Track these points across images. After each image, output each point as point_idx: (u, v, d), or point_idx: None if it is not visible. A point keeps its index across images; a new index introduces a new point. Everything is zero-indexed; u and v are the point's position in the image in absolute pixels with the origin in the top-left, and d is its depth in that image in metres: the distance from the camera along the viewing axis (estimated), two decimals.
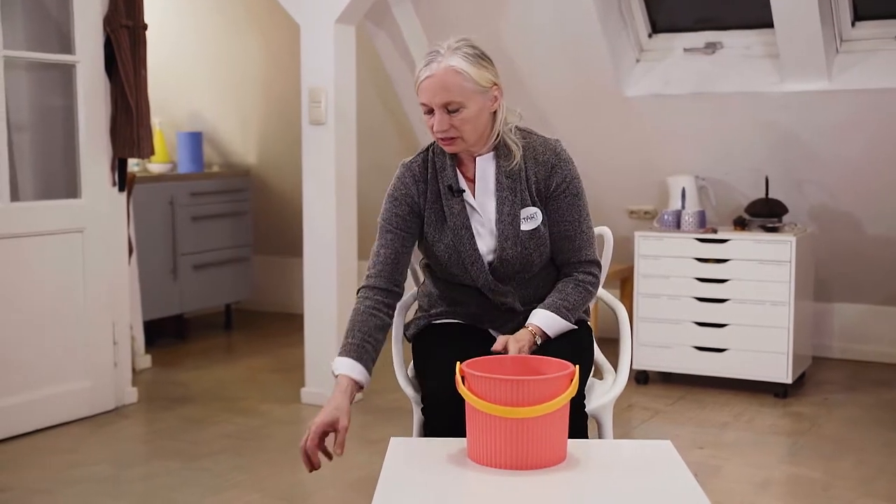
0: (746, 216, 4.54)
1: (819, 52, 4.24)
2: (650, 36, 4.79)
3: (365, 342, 2.21)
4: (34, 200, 3.97)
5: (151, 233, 5.18)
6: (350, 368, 2.17)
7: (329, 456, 2.11)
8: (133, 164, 5.37)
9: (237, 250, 5.78)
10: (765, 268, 4.29)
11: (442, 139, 2.24)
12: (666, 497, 1.74)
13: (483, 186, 2.31)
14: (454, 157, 2.32)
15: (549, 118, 4.93)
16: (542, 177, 2.30)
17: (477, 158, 2.31)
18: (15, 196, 3.83)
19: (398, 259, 2.31)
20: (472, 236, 2.30)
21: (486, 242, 2.31)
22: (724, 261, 4.37)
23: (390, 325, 2.30)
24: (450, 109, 2.19)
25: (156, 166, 5.56)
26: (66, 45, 3.96)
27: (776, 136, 4.59)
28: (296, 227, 5.41)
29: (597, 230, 2.65)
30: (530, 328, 2.26)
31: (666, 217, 4.54)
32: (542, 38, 4.69)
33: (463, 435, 1.99)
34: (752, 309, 4.33)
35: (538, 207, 2.30)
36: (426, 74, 2.19)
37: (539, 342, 2.25)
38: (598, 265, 2.38)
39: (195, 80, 5.96)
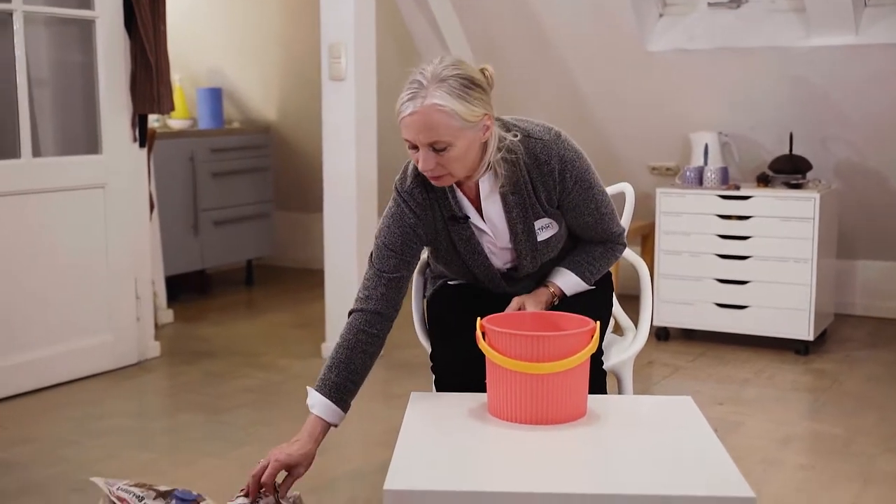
0: (770, 172, 4.49)
1: (846, 6, 4.16)
2: None
3: (348, 381, 2.11)
4: (56, 156, 3.98)
5: (172, 189, 5.19)
6: (325, 411, 2.09)
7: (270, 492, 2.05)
8: (153, 120, 5.37)
9: (258, 206, 5.79)
10: (788, 224, 4.26)
11: (429, 176, 2.07)
12: (686, 452, 1.74)
13: (490, 208, 2.17)
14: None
15: (572, 74, 4.88)
16: (551, 186, 2.15)
17: (479, 181, 2.14)
18: (37, 152, 3.84)
19: (400, 283, 2.16)
20: (486, 257, 2.21)
21: (499, 258, 2.23)
22: (747, 217, 4.34)
23: (381, 347, 2.17)
24: (436, 148, 2.00)
25: (176, 122, 5.56)
26: (86, 1, 3.94)
27: (801, 91, 4.53)
28: (316, 183, 5.40)
29: (618, 186, 2.63)
30: (551, 288, 2.24)
31: (688, 173, 4.51)
32: None
33: (473, 391, 2.00)
34: (775, 266, 4.30)
35: (551, 217, 2.20)
36: (409, 111, 1.98)
37: (556, 303, 2.23)
38: (623, 236, 2.34)
39: (215, 35, 5.93)
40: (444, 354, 2.20)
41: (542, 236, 2.19)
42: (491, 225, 2.18)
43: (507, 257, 2.23)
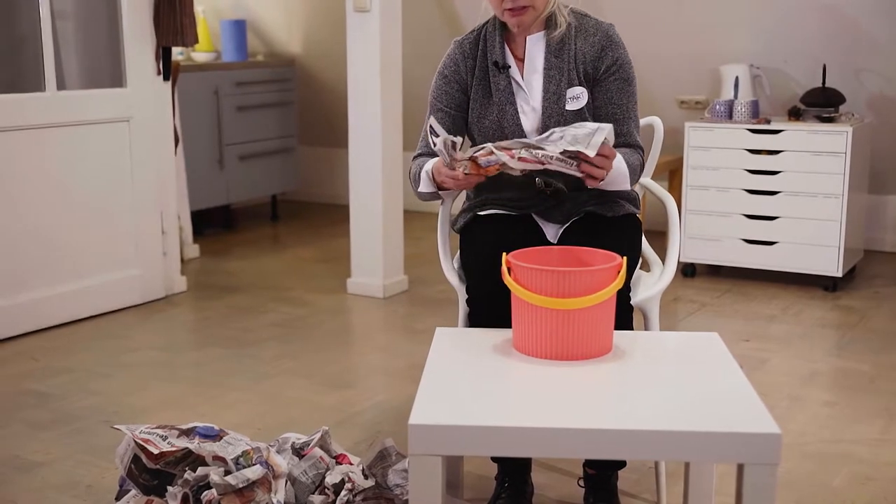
0: (801, 106, 4.41)
1: None
2: None
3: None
4: (80, 90, 3.97)
5: (197, 123, 5.18)
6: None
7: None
8: (177, 53, 5.34)
9: (282, 141, 5.78)
10: (819, 159, 4.19)
11: (512, 9, 2.21)
12: (712, 388, 1.74)
13: (531, 64, 2.30)
14: (504, 34, 2.32)
15: (598, 4, 4.79)
16: (591, 57, 2.27)
17: (528, 37, 2.30)
18: (61, 85, 3.83)
19: (454, 132, 2.33)
20: (517, 112, 2.29)
21: (530, 120, 2.30)
22: (777, 152, 4.28)
23: None
24: None
25: (200, 55, 5.52)
26: None
27: (835, 22, 4.42)
28: (341, 117, 5.38)
29: (646, 120, 2.59)
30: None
31: (717, 107, 4.44)
32: None
33: (507, 326, 1.99)
34: (805, 201, 4.25)
35: (585, 87, 2.28)
36: None
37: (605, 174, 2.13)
38: (644, 151, 2.34)
39: None
40: (481, 287, 2.20)
41: (570, 105, 2.27)
42: (528, 84, 2.30)
43: (536, 122, 2.29)
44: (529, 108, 2.30)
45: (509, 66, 2.30)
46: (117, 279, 4.01)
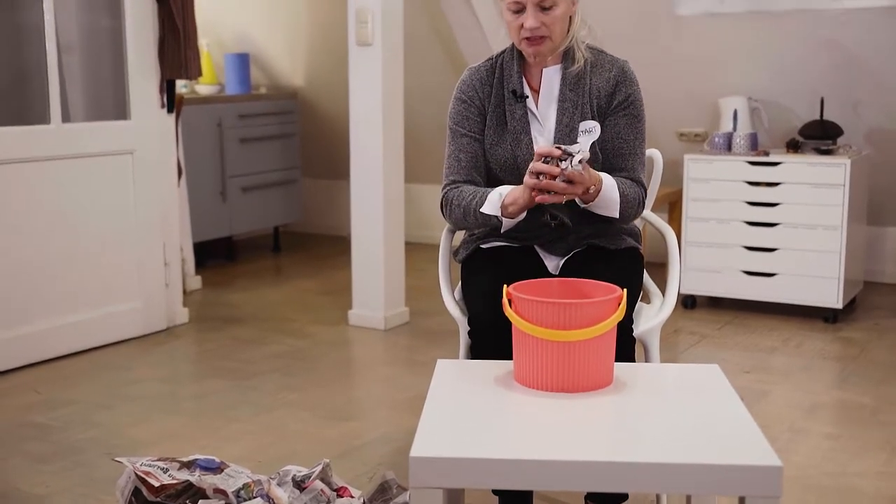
0: (800, 138, 4.44)
1: None
2: None
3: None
4: (84, 122, 4.00)
5: (200, 155, 5.21)
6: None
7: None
8: (181, 86, 5.38)
9: (285, 172, 5.81)
10: (818, 191, 4.22)
11: (529, 39, 2.25)
12: (713, 420, 1.74)
13: (546, 96, 2.34)
14: (521, 64, 2.35)
15: (599, 37, 4.83)
16: (606, 92, 2.31)
17: (544, 69, 2.33)
18: (66, 117, 3.87)
19: (479, 162, 2.36)
20: (531, 142, 2.31)
21: None
22: (776, 184, 4.30)
23: None
24: (543, 7, 2.22)
25: (204, 88, 5.57)
26: None
27: (833, 55, 4.46)
28: (343, 149, 5.42)
29: (646, 153, 2.61)
30: (595, 176, 2.19)
31: (717, 139, 4.47)
32: None
33: (509, 358, 2.00)
34: (804, 233, 4.27)
35: (597, 121, 2.31)
36: None
37: (589, 191, 2.17)
38: (646, 189, 2.36)
39: (242, 0, 5.92)
40: (483, 318, 2.21)
41: (582, 138, 2.29)
42: (542, 114, 2.33)
43: None
44: (543, 139, 2.33)
45: (527, 96, 2.33)
46: (119, 311, 4.03)
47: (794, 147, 4.37)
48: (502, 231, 2.32)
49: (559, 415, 1.76)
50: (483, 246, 2.41)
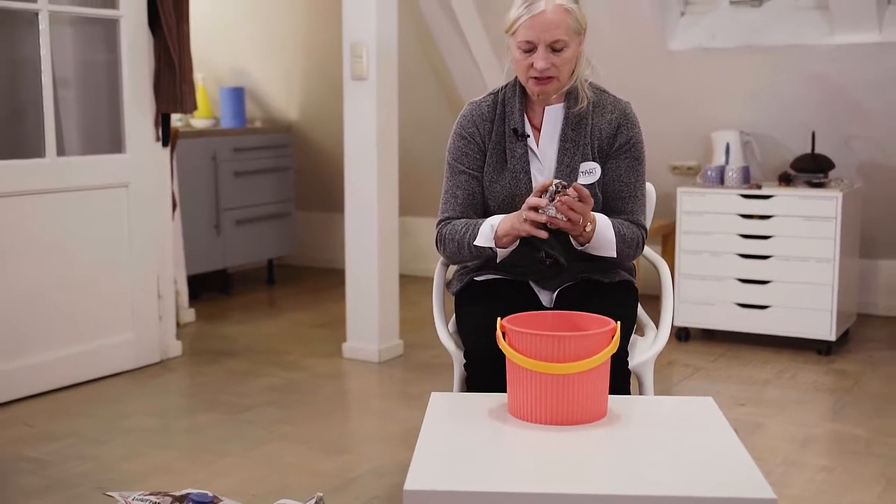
0: (792, 172, 4.47)
1: (870, 4, 4.14)
2: None
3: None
4: (80, 155, 4.01)
5: (195, 188, 5.23)
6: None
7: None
8: (176, 120, 5.40)
9: (280, 205, 5.82)
10: (810, 224, 4.24)
11: (538, 78, 2.24)
12: (707, 453, 1.74)
13: (548, 135, 2.33)
14: (523, 102, 2.34)
15: (602, 75, 4.87)
16: (607, 133, 2.31)
17: (546, 108, 2.33)
18: (61, 151, 3.88)
19: (475, 200, 2.35)
20: (530, 181, 2.31)
21: None
22: (769, 217, 4.32)
23: None
24: (555, 48, 2.21)
25: (199, 121, 5.59)
26: (110, 0, 3.98)
27: (824, 89, 4.50)
28: (338, 182, 5.44)
29: None
30: (592, 216, 2.20)
31: (709, 173, 4.49)
32: None
33: (505, 390, 2.00)
34: (797, 266, 4.28)
35: (598, 163, 2.30)
36: (536, 10, 2.19)
37: (585, 231, 2.18)
38: (646, 231, 2.37)
39: (237, 35, 5.96)
40: (478, 350, 2.20)
41: (582, 179, 2.29)
42: (542, 154, 2.32)
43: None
44: (543, 178, 2.31)
45: (528, 135, 2.32)
46: (112, 344, 4.02)
47: (786, 180, 4.40)
48: (498, 261, 2.32)
49: (553, 447, 1.76)
50: (477, 278, 2.42)
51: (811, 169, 4.41)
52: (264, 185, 5.70)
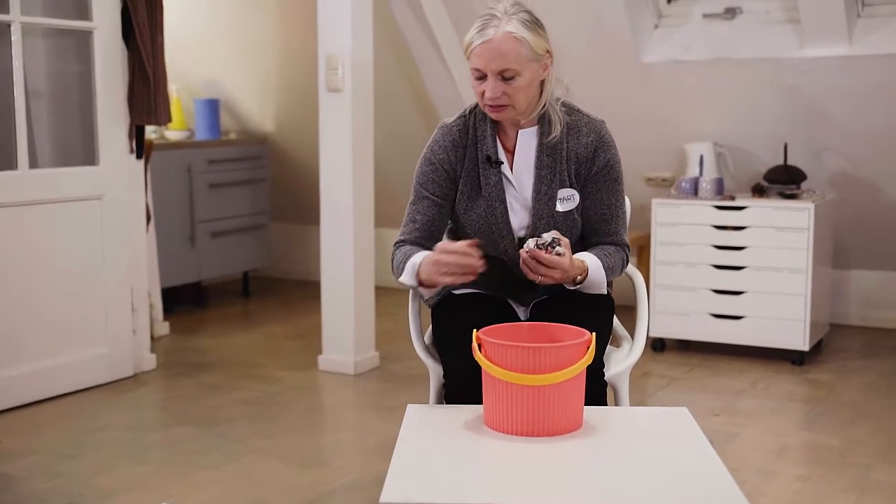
0: (765, 183, 4.51)
1: (840, 17, 4.19)
2: (669, 1, 4.74)
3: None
4: (52, 168, 3.98)
5: (169, 200, 5.20)
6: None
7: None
8: (150, 132, 5.37)
9: (255, 218, 5.80)
10: (783, 235, 4.27)
11: (491, 106, 2.17)
12: (682, 463, 1.75)
13: (522, 160, 2.25)
14: (495, 125, 2.27)
15: (567, 84, 4.89)
16: (584, 158, 2.24)
17: (519, 131, 2.25)
18: (33, 163, 3.85)
19: (434, 226, 2.29)
20: (506, 210, 2.25)
21: (518, 218, 2.26)
22: (742, 228, 4.36)
23: None
24: (505, 77, 2.13)
25: (173, 133, 5.57)
26: (83, 12, 3.96)
27: (796, 102, 4.55)
28: (313, 194, 5.42)
29: None
30: (583, 265, 2.17)
31: (683, 184, 4.52)
32: (561, 4, 4.65)
33: (481, 402, 1.99)
34: (770, 276, 4.32)
35: (575, 189, 2.25)
36: (483, 39, 2.13)
37: (576, 281, 2.17)
38: (629, 248, 2.36)
39: (212, 46, 5.95)
40: (456, 362, 2.20)
41: (560, 206, 2.24)
42: (518, 180, 2.26)
43: (525, 220, 2.26)
44: (519, 205, 2.26)
45: (502, 163, 2.25)
46: (85, 357, 3.98)
47: (759, 192, 4.43)
48: (425, 299, 2.30)
49: (529, 459, 1.76)
50: (455, 292, 2.41)
51: (784, 180, 4.45)
52: (239, 197, 5.68)
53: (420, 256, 2.16)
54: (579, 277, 2.18)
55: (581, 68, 4.84)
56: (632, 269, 2.64)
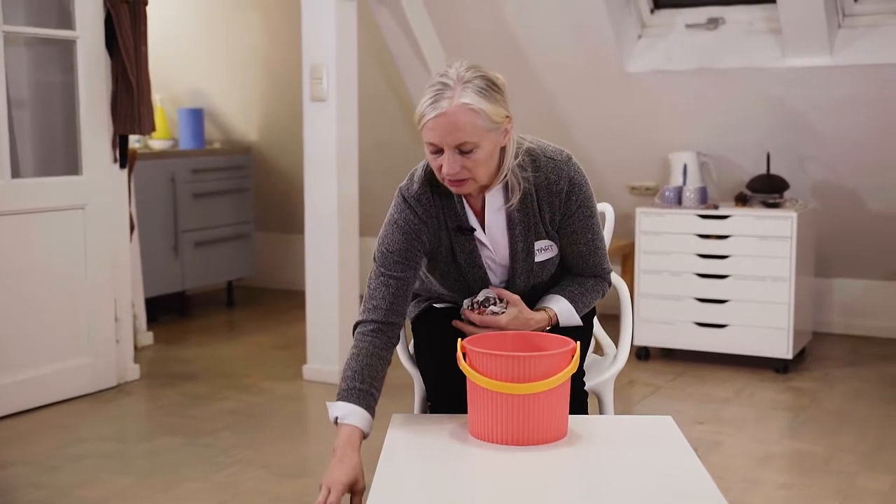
0: (748, 192, 4.53)
1: (821, 27, 4.22)
2: (652, 11, 4.77)
3: (372, 388, 2.04)
4: (35, 177, 3.96)
5: (153, 210, 5.18)
6: (360, 420, 1.99)
7: None
8: (134, 141, 5.36)
9: (239, 227, 5.79)
10: (766, 243, 4.29)
11: (452, 181, 2.04)
12: (667, 472, 1.75)
13: (494, 222, 2.16)
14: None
15: (551, 94, 4.91)
16: (557, 207, 2.16)
17: (486, 194, 2.13)
18: (16, 173, 3.83)
19: (405, 292, 2.13)
20: (484, 272, 2.19)
21: (497, 275, 2.22)
22: (726, 237, 4.37)
23: (392, 354, 2.14)
24: (462, 150, 1.99)
25: (157, 143, 5.55)
26: (67, 21, 3.95)
27: (778, 111, 4.58)
28: (297, 203, 5.42)
29: (598, 207, 2.64)
30: (549, 313, 2.17)
31: (667, 193, 4.54)
32: (544, 14, 4.67)
33: (466, 411, 1.99)
34: (753, 285, 4.33)
35: (552, 239, 2.19)
36: (436, 112, 1.96)
37: (548, 329, 2.17)
38: (610, 273, 2.32)
39: (196, 56, 5.94)
40: (440, 372, 2.19)
41: (539, 257, 2.18)
42: (492, 240, 2.17)
43: (504, 275, 2.22)
44: (497, 265, 2.20)
45: (475, 230, 2.15)
46: (68, 368, 3.96)
47: (742, 201, 4.45)
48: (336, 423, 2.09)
49: (514, 468, 1.76)
50: (436, 305, 2.40)
51: (767, 189, 4.48)
52: (223, 206, 5.67)
53: (344, 417, 1.99)
54: (548, 327, 2.17)
55: (565, 79, 4.86)
56: (616, 278, 2.64)
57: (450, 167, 2.00)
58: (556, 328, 2.21)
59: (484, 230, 2.16)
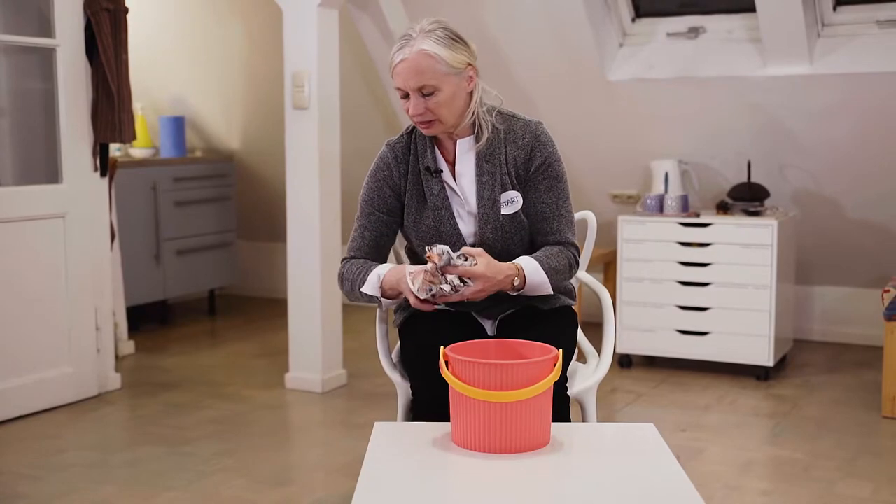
0: (729, 200, 4.56)
1: (801, 37, 4.25)
2: (633, 20, 4.79)
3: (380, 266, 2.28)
4: (15, 186, 3.94)
5: (134, 218, 5.16)
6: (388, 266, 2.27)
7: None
8: (115, 149, 5.33)
9: (221, 235, 5.77)
10: (747, 251, 4.32)
11: (419, 122, 2.25)
12: (649, 479, 1.76)
13: (463, 169, 2.31)
14: (434, 137, 2.34)
15: (533, 102, 4.93)
16: (522, 159, 2.30)
17: (457, 141, 2.32)
18: None
19: (381, 241, 2.35)
20: (453, 217, 2.30)
21: (466, 225, 2.31)
22: (707, 245, 4.40)
23: None
24: (424, 93, 2.20)
25: (138, 151, 5.53)
26: (46, 29, 3.93)
27: (759, 120, 4.61)
28: (279, 212, 5.41)
29: (580, 215, 2.65)
30: (517, 266, 2.20)
31: (649, 201, 4.56)
32: (526, 22, 4.68)
33: (449, 419, 2.00)
34: (735, 292, 4.36)
35: (518, 191, 2.30)
36: (399, 59, 2.22)
37: (514, 285, 2.19)
38: (577, 248, 2.37)
39: (177, 64, 5.92)
40: (424, 380, 2.20)
41: (505, 210, 2.28)
42: (461, 188, 2.31)
43: (473, 227, 2.31)
44: (466, 212, 2.31)
45: (441, 171, 2.31)
46: (49, 377, 3.93)
47: (723, 209, 4.48)
48: (383, 309, 2.35)
49: (497, 476, 1.76)
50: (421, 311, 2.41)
51: (747, 197, 4.50)
52: (205, 214, 5.65)
53: (384, 268, 2.25)
54: (517, 281, 2.19)
55: (547, 86, 4.87)
56: (598, 285, 2.65)
57: (414, 108, 2.22)
58: (532, 326, 2.22)
59: (455, 178, 2.31)
